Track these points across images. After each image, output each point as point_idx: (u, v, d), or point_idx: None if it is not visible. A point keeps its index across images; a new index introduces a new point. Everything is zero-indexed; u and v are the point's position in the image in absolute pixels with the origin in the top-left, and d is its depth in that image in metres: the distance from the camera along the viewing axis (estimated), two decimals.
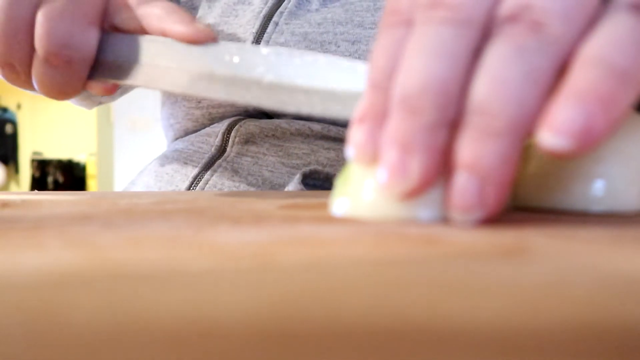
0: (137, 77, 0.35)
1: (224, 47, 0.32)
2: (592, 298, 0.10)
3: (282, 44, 0.46)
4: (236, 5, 0.51)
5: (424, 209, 0.19)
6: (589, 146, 0.16)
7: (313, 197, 0.31)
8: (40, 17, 0.35)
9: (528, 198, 0.23)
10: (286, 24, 0.47)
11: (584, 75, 0.17)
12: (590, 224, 0.19)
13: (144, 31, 0.36)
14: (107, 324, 0.09)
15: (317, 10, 0.47)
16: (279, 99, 0.29)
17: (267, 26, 0.47)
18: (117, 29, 0.37)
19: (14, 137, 5.39)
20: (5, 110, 5.39)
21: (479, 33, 0.19)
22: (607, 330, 0.08)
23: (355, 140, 0.20)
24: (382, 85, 0.20)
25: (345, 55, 0.44)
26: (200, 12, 0.54)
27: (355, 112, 0.20)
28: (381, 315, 0.09)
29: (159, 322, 0.09)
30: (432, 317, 0.09)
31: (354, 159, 0.20)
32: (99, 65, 0.37)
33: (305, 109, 0.29)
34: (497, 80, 0.17)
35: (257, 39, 0.47)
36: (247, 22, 0.49)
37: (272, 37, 0.47)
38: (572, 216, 0.21)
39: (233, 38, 0.49)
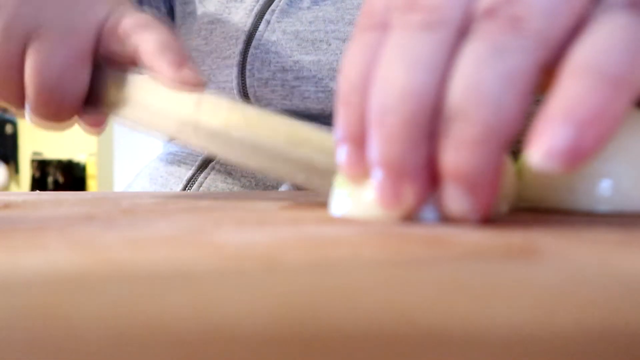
0: (126, 115, 0.34)
1: (212, 99, 0.31)
2: (601, 298, 0.10)
3: (274, 42, 0.46)
4: (229, 3, 0.51)
5: (424, 210, 0.18)
6: (580, 164, 0.15)
7: (315, 197, 0.31)
8: (29, 60, 0.34)
9: (535, 198, 0.23)
10: (278, 22, 0.47)
11: (573, 87, 0.16)
12: (598, 223, 0.19)
13: (136, 63, 0.35)
14: (109, 325, 0.08)
15: (308, 8, 0.47)
16: (259, 161, 0.28)
17: (259, 24, 0.47)
18: (110, 58, 0.36)
19: (14, 137, 5.41)
20: (5, 110, 5.40)
21: (456, 33, 0.17)
22: (616, 332, 0.08)
23: (341, 163, 0.20)
24: (354, 101, 0.19)
25: (337, 54, 0.45)
26: (191, 7, 0.54)
27: (334, 131, 0.20)
28: (387, 316, 0.09)
29: (161, 323, 0.09)
30: (438, 318, 0.09)
31: (349, 180, 0.20)
32: (90, 97, 0.36)
33: (285, 175, 0.28)
34: (471, 84, 0.16)
35: (249, 38, 0.47)
36: (239, 20, 0.49)
37: (264, 35, 0.47)
38: (579, 216, 0.21)
39: (226, 36, 0.49)
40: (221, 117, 0.30)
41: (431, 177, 0.17)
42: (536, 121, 0.16)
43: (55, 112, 0.35)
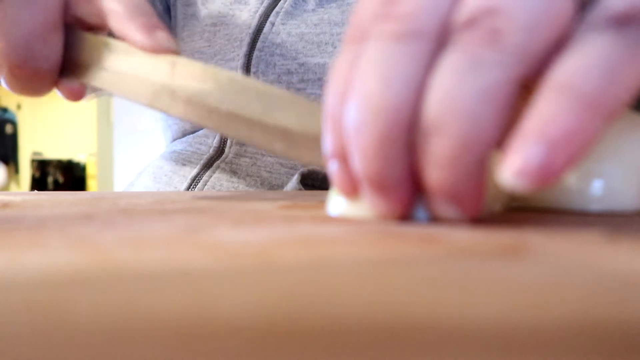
0: (103, 81, 0.33)
1: (186, 64, 0.30)
2: (590, 297, 0.10)
3: (279, 45, 0.46)
4: (232, 5, 0.50)
5: (418, 210, 0.19)
6: (549, 183, 0.15)
7: (312, 197, 0.31)
8: None
9: (527, 198, 0.23)
10: (282, 24, 0.47)
11: (547, 105, 0.15)
12: (589, 223, 0.19)
13: (107, 28, 0.33)
14: (108, 323, 0.09)
15: (313, 10, 0.47)
16: (236, 130, 0.27)
17: (264, 26, 0.47)
18: (80, 22, 0.34)
19: (14, 137, 5.39)
20: (5, 110, 5.39)
21: (433, 44, 0.17)
22: (603, 329, 0.08)
23: (332, 178, 0.20)
24: (337, 116, 0.18)
25: None
26: (193, 9, 0.54)
27: (323, 146, 0.20)
28: (381, 315, 0.09)
29: (159, 322, 0.09)
30: (431, 316, 0.09)
31: (341, 194, 0.20)
32: (66, 64, 0.34)
33: (263, 144, 0.26)
34: (447, 98, 0.16)
35: (254, 39, 0.47)
36: (243, 22, 0.49)
37: (269, 37, 0.47)
38: (571, 215, 0.21)
39: (230, 38, 0.49)
40: (196, 84, 0.28)
41: (417, 183, 0.18)
42: (510, 138, 0.16)
43: (32, 80, 0.34)
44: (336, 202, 0.21)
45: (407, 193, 0.18)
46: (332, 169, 0.19)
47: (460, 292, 0.10)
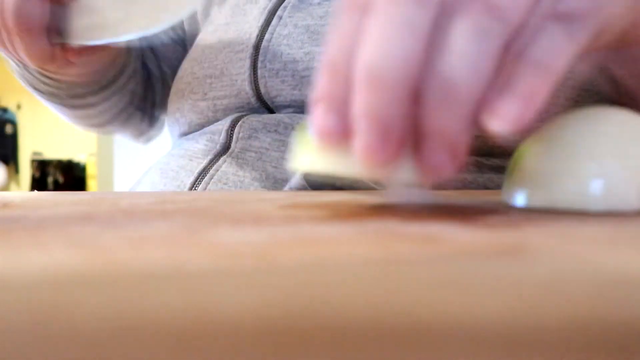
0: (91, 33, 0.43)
1: None
2: (590, 296, 0.10)
3: (285, 36, 0.48)
4: (245, 5, 0.53)
5: (399, 170, 0.19)
6: (522, 128, 0.19)
7: (313, 197, 0.31)
8: None
9: (527, 197, 0.23)
10: (289, 17, 0.49)
11: (519, 75, 0.20)
12: (589, 223, 0.19)
13: None
14: (108, 323, 0.09)
15: (319, 4, 0.49)
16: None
17: (272, 20, 0.49)
18: None
19: (14, 137, 5.39)
20: (5, 110, 5.39)
21: (438, 9, 0.20)
22: (603, 329, 0.08)
23: (315, 123, 0.20)
24: (339, 67, 0.20)
25: None
26: (213, 17, 0.56)
27: (313, 94, 0.21)
28: (381, 314, 0.09)
29: (159, 321, 0.09)
30: (431, 315, 0.09)
31: (318, 140, 0.20)
32: (54, 28, 0.45)
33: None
34: (460, 56, 0.19)
35: (262, 32, 0.49)
36: (253, 18, 0.51)
37: (277, 29, 0.49)
38: (571, 215, 0.21)
39: (241, 33, 0.51)
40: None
41: (409, 136, 0.19)
42: (492, 97, 0.20)
43: (28, 44, 0.44)
44: (303, 157, 0.21)
45: (401, 139, 0.19)
46: (318, 111, 0.20)
47: (460, 292, 0.10)
